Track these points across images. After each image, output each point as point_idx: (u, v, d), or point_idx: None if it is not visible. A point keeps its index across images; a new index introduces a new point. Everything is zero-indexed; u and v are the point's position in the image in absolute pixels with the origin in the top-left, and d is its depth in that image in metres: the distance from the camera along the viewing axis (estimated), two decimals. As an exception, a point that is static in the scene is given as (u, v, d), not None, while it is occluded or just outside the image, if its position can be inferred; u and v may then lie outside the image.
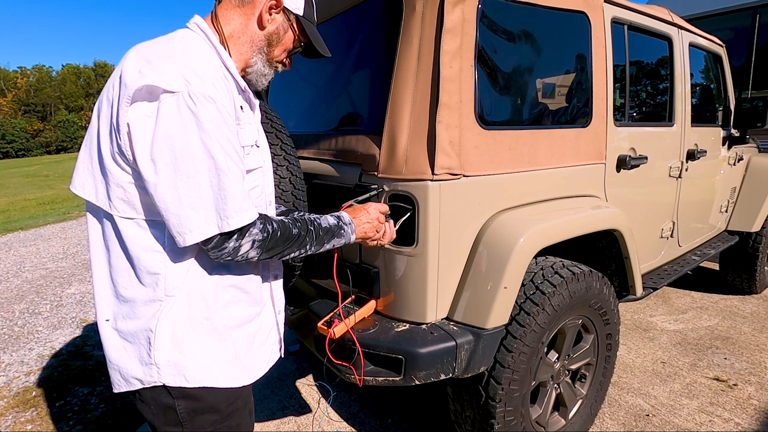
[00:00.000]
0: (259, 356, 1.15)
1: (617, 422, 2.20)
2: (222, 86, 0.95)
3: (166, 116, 0.86)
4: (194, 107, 0.86)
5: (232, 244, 0.94)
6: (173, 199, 0.88)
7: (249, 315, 1.11)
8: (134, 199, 0.93)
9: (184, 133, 0.86)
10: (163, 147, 0.86)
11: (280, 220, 1.05)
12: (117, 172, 0.91)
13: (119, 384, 1.01)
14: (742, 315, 3.33)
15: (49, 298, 4.36)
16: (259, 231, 0.98)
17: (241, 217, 0.93)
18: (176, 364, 0.98)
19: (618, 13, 2.02)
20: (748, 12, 4.71)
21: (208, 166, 0.89)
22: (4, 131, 55.23)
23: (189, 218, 0.89)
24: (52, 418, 2.46)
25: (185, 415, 1.01)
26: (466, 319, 1.52)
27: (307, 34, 1.13)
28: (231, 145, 0.93)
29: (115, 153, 0.90)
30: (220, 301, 1.04)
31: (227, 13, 1.04)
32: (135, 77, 0.87)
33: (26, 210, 10.33)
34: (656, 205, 2.47)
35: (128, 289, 0.97)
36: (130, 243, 0.95)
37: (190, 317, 0.99)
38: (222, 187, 0.90)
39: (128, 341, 0.98)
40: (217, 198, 0.90)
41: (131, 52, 0.94)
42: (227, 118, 0.93)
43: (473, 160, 1.50)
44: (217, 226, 0.91)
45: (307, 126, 2.05)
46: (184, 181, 0.87)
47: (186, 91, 0.86)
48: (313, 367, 2.82)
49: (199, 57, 0.94)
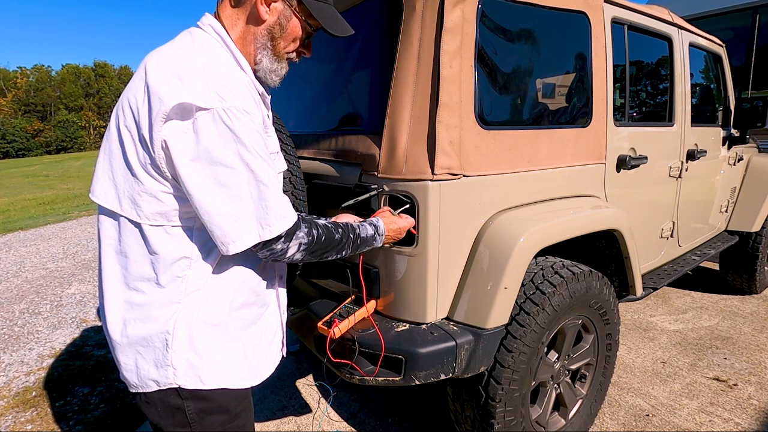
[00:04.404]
0: (266, 357, 1.16)
1: (617, 422, 2.20)
2: (251, 97, 0.96)
3: (203, 132, 0.87)
4: (230, 122, 0.88)
5: (279, 247, 0.99)
6: (216, 212, 0.90)
7: (257, 315, 1.12)
8: (167, 208, 0.94)
9: (222, 147, 0.88)
10: (204, 162, 0.88)
11: (324, 224, 1.09)
12: (150, 183, 0.92)
13: (135, 386, 1.02)
14: (742, 315, 3.33)
15: (49, 298, 4.36)
16: (305, 235, 1.03)
17: (281, 224, 0.97)
18: (193, 365, 0.98)
19: (618, 13, 2.02)
20: (748, 12, 4.71)
21: (248, 179, 0.91)
22: (4, 131, 55.20)
23: (232, 229, 0.92)
24: (52, 418, 2.46)
25: (194, 416, 1.01)
26: (466, 319, 1.52)
27: (316, 17, 1.05)
28: (267, 155, 0.95)
29: (147, 165, 0.91)
30: (236, 303, 1.05)
31: (229, 15, 1.02)
32: (168, 94, 0.86)
33: (26, 210, 10.33)
34: (656, 205, 2.47)
35: (146, 294, 0.97)
36: (156, 248, 0.95)
37: (206, 319, 0.99)
38: (263, 197, 0.93)
39: (143, 345, 0.98)
40: (258, 208, 0.93)
41: (153, 62, 0.93)
42: (260, 128, 0.94)
43: (473, 160, 1.50)
44: (258, 235, 0.94)
45: (307, 126, 2.04)
46: (226, 195, 0.90)
47: (221, 107, 0.87)
48: (313, 367, 2.82)
49: (226, 69, 0.95)
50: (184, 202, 0.93)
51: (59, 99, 70.71)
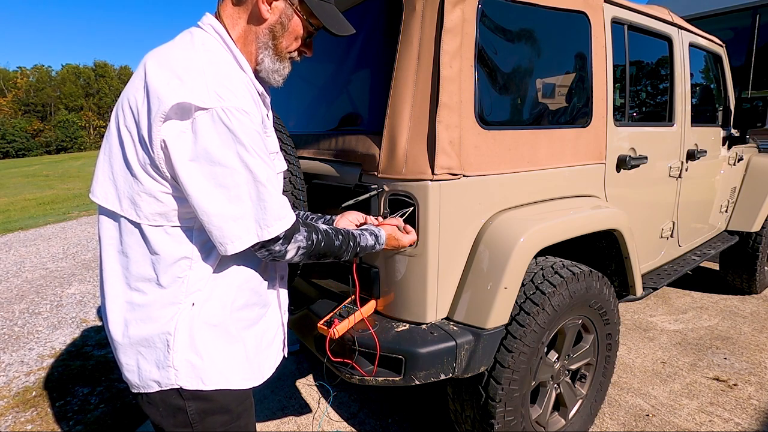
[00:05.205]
0: (267, 357, 1.16)
1: (617, 422, 2.20)
2: (250, 97, 0.96)
3: (202, 132, 0.87)
4: (228, 122, 0.87)
5: (278, 248, 0.99)
6: (215, 213, 0.90)
7: (258, 316, 1.12)
8: (167, 209, 0.94)
9: (221, 148, 0.88)
10: (203, 162, 0.88)
11: (325, 230, 1.09)
12: (149, 183, 0.92)
13: (136, 386, 1.02)
14: (742, 315, 3.33)
15: (49, 298, 4.36)
16: (304, 239, 1.03)
17: (280, 224, 0.96)
18: (194, 366, 0.98)
19: (618, 13, 2.02)
20: (748, 12, 4.71)
21: (246, 179, 0.91)
22: (4, 131, 55.20)
23: (230, 230, 0.92)
24: (52, 418, 2.46)
25: (196, 417, 1.01)
26: (466, 319, 1.52)
27: (317, 17, 1.04)
28: (266, 155, 0.95)
29: (146, 165, 0.91)
30: (237, 304, 1.05)
31: (230, 14, 1.02)
32: (167, 93, 0.86)
33: (26, 210, 10.33)
34: (656, 205, 2.47)
35: (147, 295, 0.97)
36: (157, 249, 0.95)
37: (207, 320, 0.99)
38: (261, 198, 0.93)
39: (144, 346, 0.98)
40: (257, 209, 0.93)
41: (152, 61, 0.92)
42: (259, 128, 0.94)
43: (473, 160, 1.50)
44: (257, 235, 0.94)
45: (307, 126, 2.04)
46: (224, 195, 0.90)
47: (219, 107, 0.87)
48: (313, 367, 2.82)
49: (226, 69, 0.95)
50: (184, 202, 0.93)
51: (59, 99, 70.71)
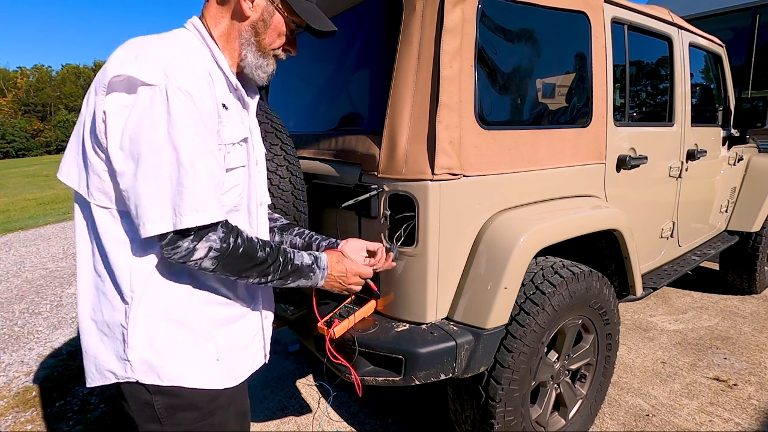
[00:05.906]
0: (243, 359, 1.14)
1: (617, 422, 2.20)
2: (204, 82, 0.93)
3: (140, 108, 0.86)
4: (168, 101, 0.86)
5: (185, 245, 0.90)
6: (135, 190, 0.87)
7: (232, 315, 1.09)
8: (108, 188, 0.92)
9: (153, 125, 0.86)
10: (132, 137, 0.86)
11: (249, 237, 1.01)
12: (95, 160, 0.91)
13: (93, 377, 1.00)
14: (742, 315, 3.33)
15: (49, 298, 4.36)
16: (219, 240, 0.93)
17: (196, 216, 0.89)
18: (148, 362, 0.96)
19: (618, 13, 2.02)
20: (748, 12, 4.71)
21: (170, 160, 0.86)
22: (4, 131, 55.23)
23: (146, 210, 0.87)
24: (53, 418, 2.46)
25: (163, 412, 1.00)
26: (466, 319, 1.52)
27: (298, 14, 1.05)
28: (202, 141, 0.90)
29: (93, 141, 0.90)
30: (196, 300, 1.01)
31: (213, 14, 1.03)
32: (115, 67, 0.87)
33: (26, 210, 10.33)
34: (656, 205, 2.47)
35: (106, 282, 0.96)
36: (104, 233, 0.94)
37: (164, 315, 0.97)
38: (181, 182, 0.87)
39: (105, 334, 0.97)
40: (174, 193, 0.88)
41: (121, 45, 0.93)
42: (204, 113, 0.90)
43: (473, 160, 1.50)
44: (171, 222, 0.88)
45: (307, 126, 2.05)
46: (146, 173, 0.86)
47: (163, 85, 0.86)
48: (313, 367, 2.82)
49: (184, 51, 0.93)
50: None
51: (59, 99, 70.71)
